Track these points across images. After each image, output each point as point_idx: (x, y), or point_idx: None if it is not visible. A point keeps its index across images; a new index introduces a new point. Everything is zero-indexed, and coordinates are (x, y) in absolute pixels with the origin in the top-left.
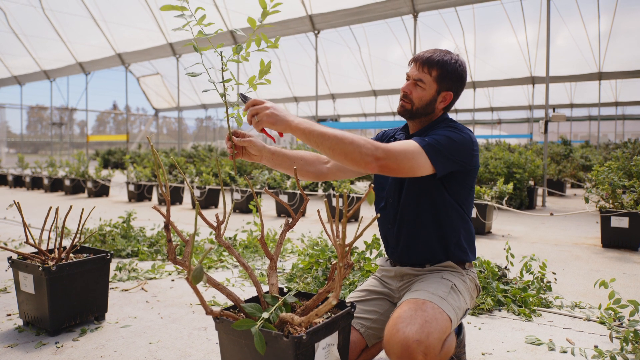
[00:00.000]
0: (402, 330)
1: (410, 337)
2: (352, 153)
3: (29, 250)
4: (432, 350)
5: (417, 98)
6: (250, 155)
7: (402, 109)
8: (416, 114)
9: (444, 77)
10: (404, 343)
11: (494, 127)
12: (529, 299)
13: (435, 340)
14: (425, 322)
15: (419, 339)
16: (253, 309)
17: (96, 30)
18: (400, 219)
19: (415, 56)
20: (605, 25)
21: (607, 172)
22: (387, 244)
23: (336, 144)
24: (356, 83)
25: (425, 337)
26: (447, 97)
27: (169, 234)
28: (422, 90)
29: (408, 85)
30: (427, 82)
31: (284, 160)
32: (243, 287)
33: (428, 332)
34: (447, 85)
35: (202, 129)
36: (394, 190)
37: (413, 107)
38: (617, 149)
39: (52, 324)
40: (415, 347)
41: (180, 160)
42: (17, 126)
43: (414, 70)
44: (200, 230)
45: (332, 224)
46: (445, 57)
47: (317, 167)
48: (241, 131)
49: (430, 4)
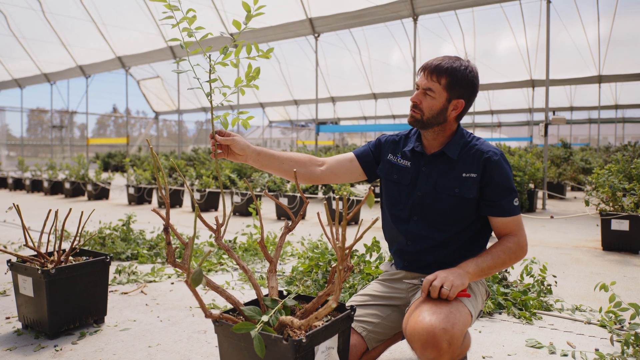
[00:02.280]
0: (429, 318)
1: (436, 325)
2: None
3: (28, 253)
4: (456, 340)
5: (427, 108)
6: (235, 155)
7: (412, 119)
8: (427, 124)
9: (453, 84)
10: (430, 330)
11: (494, 130)
12: (529, 302)
13: (459, 332)
14: (450, 313)
15: (445, 327)
16: (252, 312)
17: (96, 34)
18: (417, 234)
19: (424, 64)
20: (605, 29)
21: (608, 175)
22: (401, 256)
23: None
24: (356, 86)
25: (451, 327)
26: (459, 105)
27: (168, 237)
28: (431, 100)
29: (417, 95)
30: (436, 91)
31: (271, 160)
32: (243, 290)
33: (453, 322)
34: (458, 92)
35: (202, 132)
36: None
37: (423, 117)
38: (617, 152)
39: (51, 327)
40: (442, 334)
41: (180, 163)
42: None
43: (422, 79)
44: (200, 233)
45: (332, 227)
46: (455, 64)
47: (309, 168)
48: (225, 131)
49: (430, 7)
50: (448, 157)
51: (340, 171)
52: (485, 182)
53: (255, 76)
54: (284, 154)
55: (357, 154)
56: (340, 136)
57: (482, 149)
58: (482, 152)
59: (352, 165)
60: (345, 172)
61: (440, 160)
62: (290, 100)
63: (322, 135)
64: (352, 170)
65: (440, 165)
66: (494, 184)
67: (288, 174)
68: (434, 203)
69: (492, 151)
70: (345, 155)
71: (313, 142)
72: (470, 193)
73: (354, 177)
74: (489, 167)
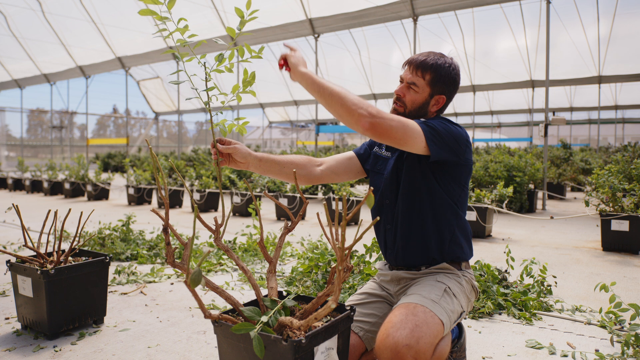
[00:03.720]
0: (392, 335)
1: (400, 341)
2: (347, 103)
3: (27, 254)
4: (423, 354)
5: (410, 101)
6: (237, 163)
7: (394, 112)
8: (409, 117)
9: (437, 80)
10: (394, 348)
11: (494, 130)
12: (529, 303)
13: (426, 345)
14: (416, 327)
15: (409, 344)
16: (252, 313)
17: (96, 34)
18: (397, 218)
19: (409, 59)
20: (605, 29)
21: (608, 176)
22: (385, 246)
23: (334, 93)
24: (356, 86)
25: (415, 342)
26: (440, 100)
27: (167, 237)
28: (415, 94)
29: (401, 88)
30: (420, 86)
31: (273, 165)
32: (242, 290)
33: (418, 337)
34: (440, 89)
35: (202, 133)
36: (390, 191)
37: (406, 110)
38: (617, 152)
39: (50, 328)
40: (405, 351)
41: (180, 164)
42: (18, 129)
43: (407, 73)
44: (199, 234)
45: (331, 227)
46: (439, 61)
47: (308, 169)
48: (226, 139)
49: (430, 8)
50: None
51: (339, 170)
52: None
53: (251, 81)
54: (284, 158)
55: (356, 151)
56: (340, 136)
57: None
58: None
59: (351, 163)
60: (344, 170)
61: None
62: (290, 101)
63: (322, 135)
64: (351, 167)
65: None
66: None
67: (289, 177)
68: (404, 188)
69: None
70: (344, 154)
71: (313, 142)
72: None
73: (353, 175)
74: None
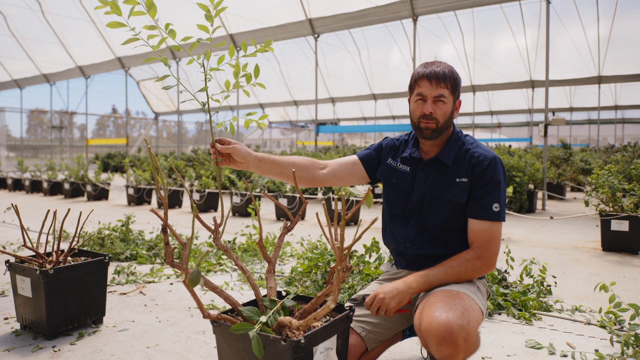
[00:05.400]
0: (445, 315)
1: (453, 321)
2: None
3: (26, 254)
4: (471, 337)
5: (442, 114)
6: (236, 163)
7: (428, 131)
8: (441, 130)
9: (456, 86)
10: (447, 326)
11: (493, 130)
12: (529, 303)
13: (474, 329)
14: (465, 310)
15: (462, 324)
16: (251, 313)
17: (96, 34)
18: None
19: (425, 74)
20: (605, 30)
21: (607, 176)
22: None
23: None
24: (356, 87)
25: (467, 324)
26: (458, 104)
27: (166, 237)
28: (444, 105)
29: (427, 105)
30: (447, 96)
31: (273, 166)
32: (242, 290)
33: (469, 319)
34: (458, 93)
35: (202, 133)
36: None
37: (438, 125)
38: (617, 152)
39: (49, 328)
40: (459, 331)
41: (180, 164)
42: (17, 130)
43: (430, 88)
44: (199, 234)
45: (330, 227)
46: (448, 68)
47: (311, 172)
48: (226, 139)
49: (430, 8)
50: (443, 162)
51: (343, 174)
52: (473, 185)
53: (256, 74)
54: (285, 159)
55: (361, 157)
56: (340, 137)
57: (475, 153)
58: (473, 157)
59: (356, 169)
60: (348, 175)
61: (435, 165)
62: (290, 101)
63: (322, 135)
64: (355, 173)
65: (435, 170)
66: (479, 185)
67: (290, 179)
68: (430, 208)
69: (484, 155)
70: (348, 159)
71: (313, 142)
72: (461, 198)
73: (356, 180)
74: (477, 170)
